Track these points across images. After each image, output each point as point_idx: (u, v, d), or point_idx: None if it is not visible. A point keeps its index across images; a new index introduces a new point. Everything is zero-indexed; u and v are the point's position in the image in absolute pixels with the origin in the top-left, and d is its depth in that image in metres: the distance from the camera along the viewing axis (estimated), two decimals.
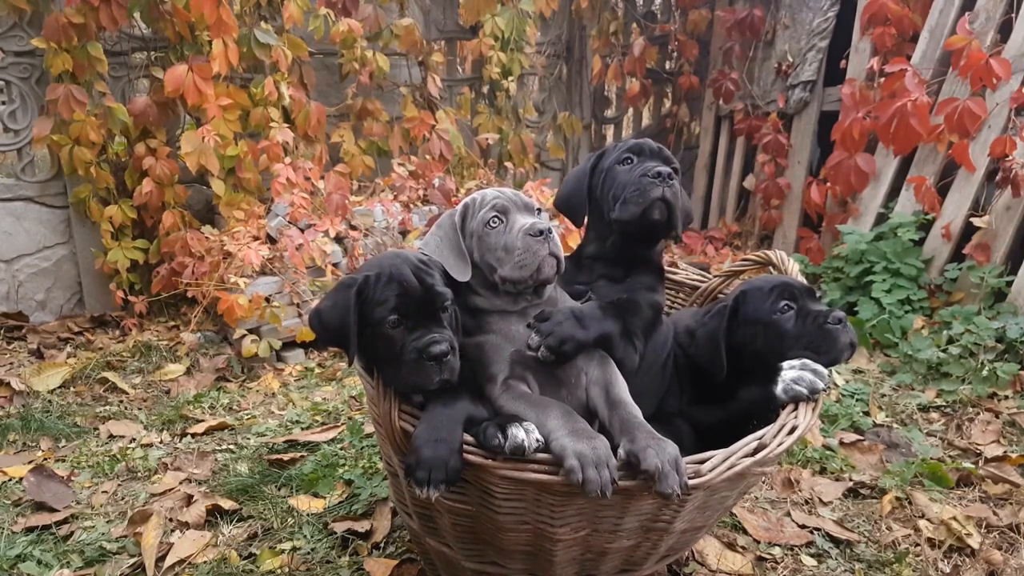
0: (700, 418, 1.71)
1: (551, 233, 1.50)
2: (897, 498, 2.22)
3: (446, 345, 1.39)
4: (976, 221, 3.62)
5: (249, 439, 2.74)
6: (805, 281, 1.79)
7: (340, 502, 2.23)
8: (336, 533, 2.05)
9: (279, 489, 2.33)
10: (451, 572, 1.72)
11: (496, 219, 1.56)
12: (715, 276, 2.18)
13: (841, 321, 1.63)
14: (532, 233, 1.49)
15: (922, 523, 2.09)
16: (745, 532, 2.08)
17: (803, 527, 2.10)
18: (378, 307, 1.42)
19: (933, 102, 3.76)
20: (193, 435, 2.79)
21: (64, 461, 2.57)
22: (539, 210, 1.61)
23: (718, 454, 1.34)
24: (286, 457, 2.52)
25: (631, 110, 6.09)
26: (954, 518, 2.07)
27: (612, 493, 1.23)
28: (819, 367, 1.55)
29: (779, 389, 1.54)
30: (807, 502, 2.25)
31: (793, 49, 4.94)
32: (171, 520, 2.15)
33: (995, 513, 2.15)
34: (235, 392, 3.24)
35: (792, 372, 1.55)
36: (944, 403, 2.93)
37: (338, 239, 3.78)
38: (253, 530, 2.10)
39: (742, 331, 1.70)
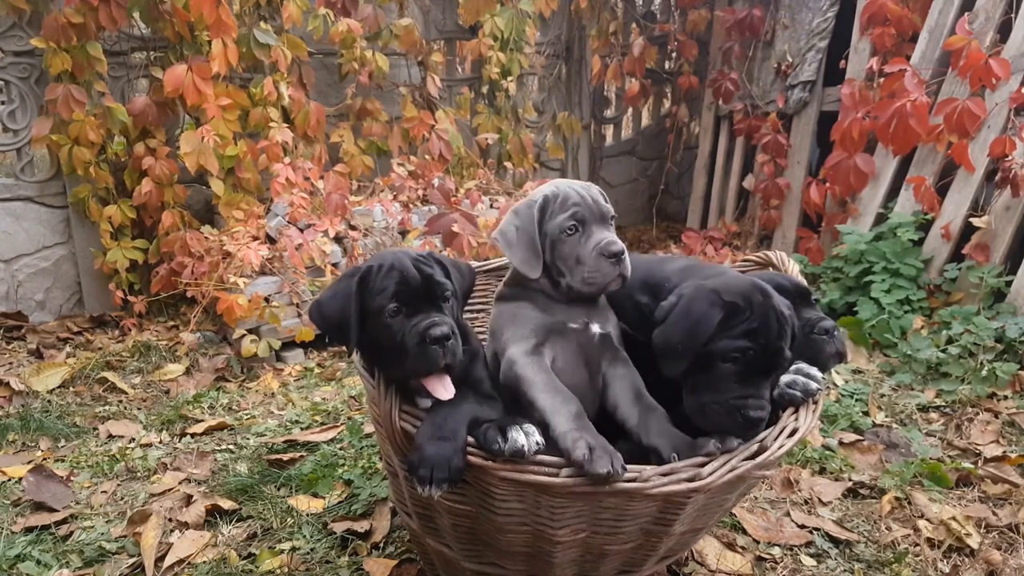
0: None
1: (624, 255, 1.54)
2: (896, 498, 2.22)
3: (447, 328, 1.40)
4: (975, 221, 3.62)
5: (249, 439, 2.74)
6: (804, 282, 1.79)
7: (340, 502, 2.23)
8: (336, 533, 2.05)
9: (279, 489, 2.33)
10: (451, 572, 1.72)
11: (573, 228, 1.57)
12: None
13: (828, 332, 1.60)
14: (606, 254, 1.53)
15: (921, 523, 2.09)
16: (745, 532, 2.08)
17: (803, 527, 2.11)
18: (378, 296, 1.43)
19: (932, 102, 3.76)
20: (193, 435, 2.79)
21: (63, 461, 2.57)
22: (613, 217, 1.63)
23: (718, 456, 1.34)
24: (286, 457, 2.52)
25: (630, 110, 6.09)
26: (953, 518, 2.07)
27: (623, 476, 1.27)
28: (812, 369, 1.55)
29: (774, 394, 1.53)
30: (807, 502, 2.25)
31: (793, 49, 4.94)
32: (171, 520, 2.15)
33: (994, 513, 2.16)
34: (234, 392, 3.24)
35: (785, 376, 1.54)
36: (943, 403, 2.93)
37: (338, 239, 3.77)
38: (252, 530, 2.10)
39: None
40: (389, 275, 1.44)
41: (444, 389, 1.40)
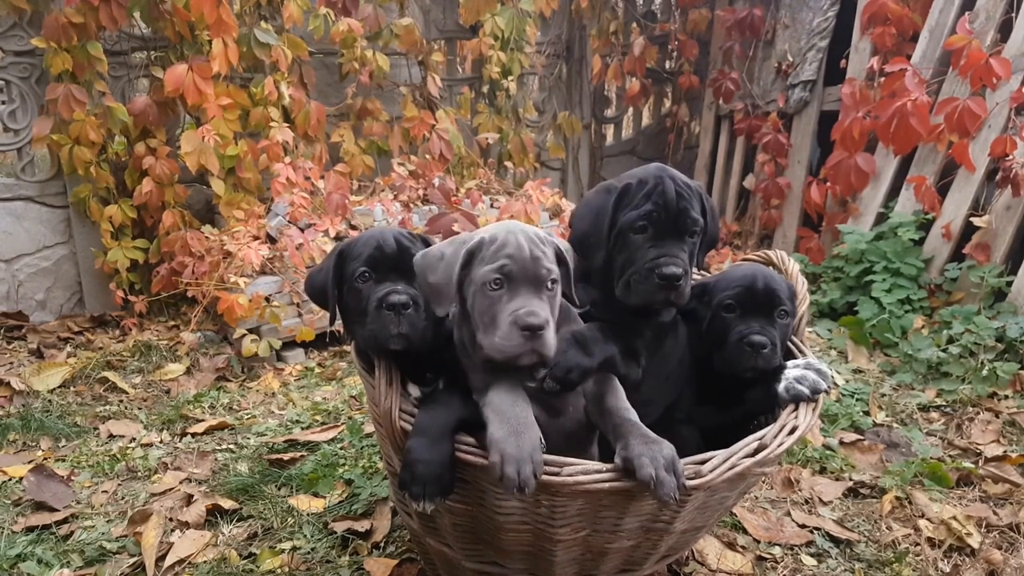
0: (706, 420, 1.70)
1: (543, 332, 1.30)
2: (897, 498, 2.22)
3: (405, 297, 1.44)
4: (976, 221, 3.62)
5: (249, 439, 2.74)
6: (804, 282, 1.78)
7: (340, 502, 2.23)
8: (336, 533, 2.05)
9: (279, 489, 2.33)
10: (451, 572, 1.72)
11: (497, 284, 1.35)
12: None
13: (753, 346, 1.58)
14: (521, 326, 1.30)
15: (922, 523, 2.09)
16: (745, 532, 2.08)
17: (803, 527, 2.11)
18: (353, 261, 1.50)
19: (933, 102, 3.75)
20: (193, 435, 2.79)
21: (64, 461, 2.57)
22: (553, 282, 1.38)
23: (718, 455, 1.34)
24: (286, 457, 2.52)
25: (631, 110, 6.09)
26: (954, 518, 2.07)
27: (531, 491, 1.23)
28: (823, 367, 1.55)
29: (781, 387, 1.54)
30: (807, 502, 2.25)
31: (793, 49, 4.94)
32: (171, 520, 2.15)
33: (995, 513, 2.16)
34: (235, 392, 3.24)
35: (796, 371, 1.54)
36: (944, 403, 2.93)
37: (338, 239, 3.77)
38: (253, 530, 2.10)
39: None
40: (367, 243, 1.51)
41: None
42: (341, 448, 2.58)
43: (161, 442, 2.74)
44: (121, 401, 3.12)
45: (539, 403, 1.46)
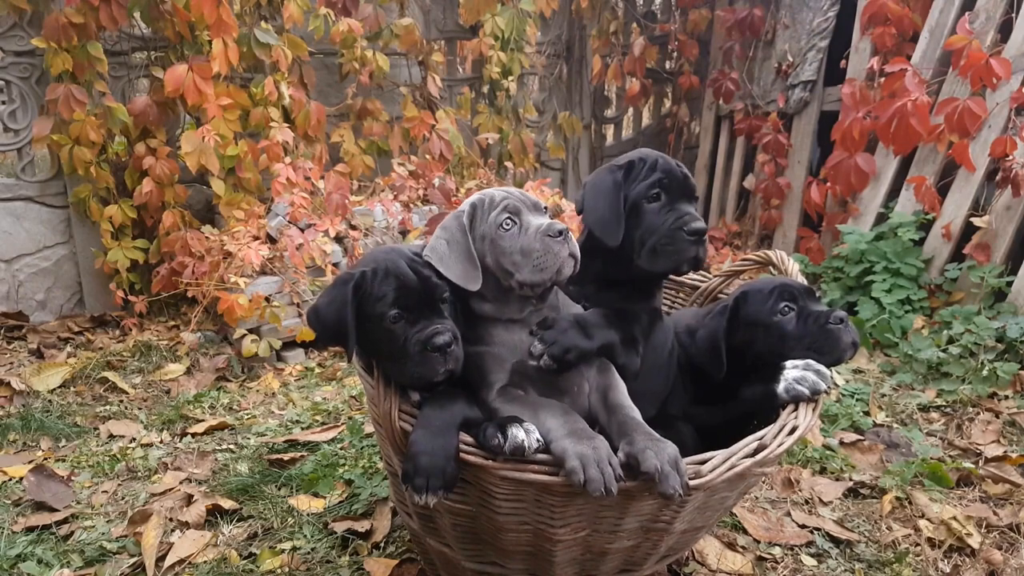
0: (703, 419, 1.71)
1: (569, 233, 1.46)
2: (897, 498, 2.22)
3: (449, 335, 1.40)
4: (976, 221, 3.62)
5: (249, 439, 2.74)
6: (805, 281, 1.79)
7: (340, 502, 2.23)
8: (336, 533, 2.05)
9: (279, 489, 2.33)
10: (451, 572, 1.72)
11: (509, 220, 1.49)
12: (715, 276, 2.18)
13: (843, 321, 1.63)
14: (551, 234, 1.44)
15: (922, 523, 2.09)
16: (745, 532, 2.08)
17: (803, 527, 2.11)
18: (378, 302, 1.43)
19: (933, 102, 3.75)
20: (193, 435, 2.79)
21: (64, 461, 2.57)
22: (545, 208, 1.56)
23: (718, 454, 1.34)
24: (286, 457, 2.52)
25: (631, 110, 6.09)
26: (954, 518, 2.07)
27: (616, 491, 1.23)
28: (822, 368, 1.55)
29: (781, 388, 1.54)
30: (807, 502, 2.25)
31: (793, 49, 4.94)
32: (171, 520, 2.15)
33: (995, 513, 2.16)
34: (235, 392, 3.24)
35: (795, 372, 1.54)
36: (944, 403, 2.93)
37: (338, 239, 3.78)
38: (253, 530, 2.10)
39: (743, 333, 1.69)
40: (386, 281, 1.44)
41: None
42: (341, 448, 2.58)
43: (161, 442, 2.74)
44: (121, 401, 3.12)
45: (544, 385, 1.49)
